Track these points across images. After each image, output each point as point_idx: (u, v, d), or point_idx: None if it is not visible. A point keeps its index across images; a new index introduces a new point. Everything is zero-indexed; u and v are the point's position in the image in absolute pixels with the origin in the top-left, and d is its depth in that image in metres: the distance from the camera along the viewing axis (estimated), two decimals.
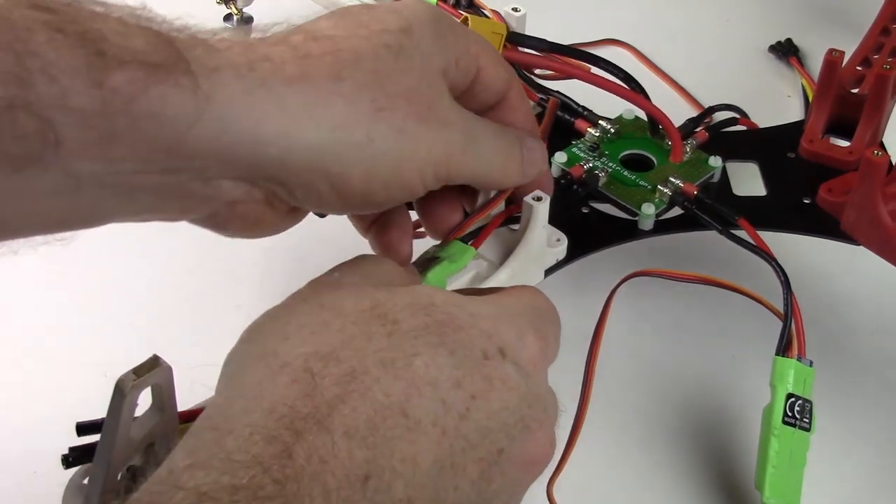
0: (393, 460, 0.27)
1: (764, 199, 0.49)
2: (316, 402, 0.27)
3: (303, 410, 0.27)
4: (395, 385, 0.28)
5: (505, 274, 0.41)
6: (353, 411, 0.27)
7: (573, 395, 0.41)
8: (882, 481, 0.45)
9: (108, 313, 0.50)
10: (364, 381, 0.28)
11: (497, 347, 0.30)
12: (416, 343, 0.29)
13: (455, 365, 0.29)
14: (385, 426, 0.27)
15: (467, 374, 0.29)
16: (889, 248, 0.45)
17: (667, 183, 0.47)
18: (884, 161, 0.43)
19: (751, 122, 0.55)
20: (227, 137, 0.30)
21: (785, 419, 0.40)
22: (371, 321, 0.29)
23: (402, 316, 0.29)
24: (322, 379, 0.27)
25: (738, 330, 0.49)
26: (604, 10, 0.69)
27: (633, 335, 0.49)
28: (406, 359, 0.28)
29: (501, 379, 0.30)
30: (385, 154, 0.33)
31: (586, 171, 0.48)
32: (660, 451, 0.45)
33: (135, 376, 0.30)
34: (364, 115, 0.32)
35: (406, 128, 0.33)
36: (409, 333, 0.29)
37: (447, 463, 0.28)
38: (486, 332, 0.30)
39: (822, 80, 0.50)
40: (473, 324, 0.30)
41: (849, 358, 0.49)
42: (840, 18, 0.57)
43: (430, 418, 0.28)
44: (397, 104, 0.33)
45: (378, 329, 0.29)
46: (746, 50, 0.67)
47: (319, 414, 0.27)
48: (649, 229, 0.47)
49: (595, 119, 0.50)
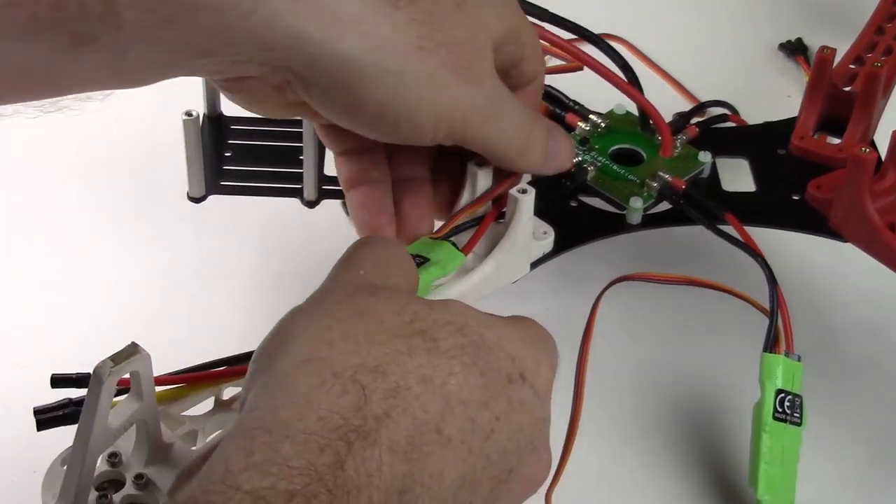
0: (425, 475, 0.28)
1: (753, 195, 0.49)
2: (365, 414, 0.28)
3: (354, 422, 0.28)
4: (432, 402, 0.29)
5: (490, 266, 0.41)
6: (397, 426, 0.28)
7: (565, 400, 0.41)
8: (878, 474, 0.45)
9: (107, 313, 0.50)
10: (406, 397, 0.29)
11: (519, 372, 0.31)
12: (452, 363, 0.30)
13: (485, 386, 0.30)
14: (422, 442, 0.28)
15: (494, 396, 0.30)
16: (876, 246, 0.45)
17: (655, 177, 0.47)
18: (871, 158, 0.43)
19: (740, 120, 0.55)
20: (273, 31, 0.32)
21: (775, 415, 0.40)
22: (413, 336, 0.30)
23: (441, 334, 0.31)
24: (372, 392, 0.28)
25: (727, 328, 0.49)
26: (603, 7, 0.69)
27: (622, 338, 0.49)
28: (443, 377, 0.30)
29: (521, 402, 0.31)
30: (408, 90, 0.34)
31: (575, 164, 0.48)
32: (653, 452, 0.46)
33: (113, 363, 0.31)
34: (405, 46, 0.34)
35: (438, 75, 0.34)
36: (447, 353, 0.30)
37: (468, 479, 0.29)
38: (511, 356, 0.32)
39: (814, 77, 0.50)
40: (501, 346, 0.31)
41: (839, 353, 0.49)
42: (853, 19, 0.57)
43: (460, 436, 0.29)
44: (439, 50, 0.34)
45: (419, 345, 0.30)
46: (755, 48, 0.66)
47: (368, 427, 0.28)
48: (637, 223, 0.47)
49: (586, 113, 0.50)
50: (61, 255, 0.53)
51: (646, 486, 0.44)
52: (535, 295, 0.51)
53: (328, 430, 0.27)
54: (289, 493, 0.26)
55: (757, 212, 0.47)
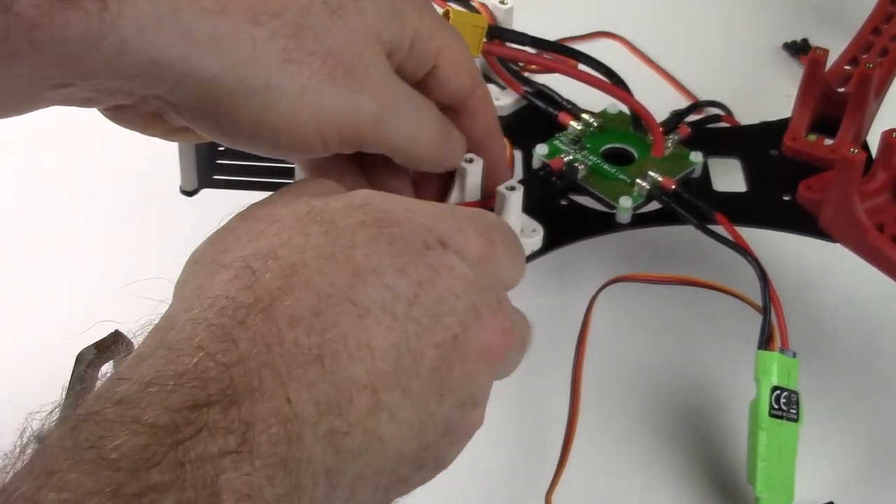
0: (347, 346, 0.27)
1: (744, 195, 0.49)
2: (257, 293, 0.27)
3: (245, 301, 0.27)
4: (337, 275, 0.28)
5: None
6: (297, 301, 0.27)
7: (563, 400, 0.41)
8: (876, 471, 0.45)
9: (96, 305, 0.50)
10: (305, 273, 0.28)
11: (437, 239, 0.30)
12: (353, 237, 0.29)
13: (396, 254, 0.29)
14: (333, 313, 0.27)
15: (410, 263, 0.29)
16: (864, 247, 0.45)
17: (645, 177, 0.47)
18: (860, 159, 0.43)
19: (734, 120, 0.55)
20: (126, 58, 0.31)
21: (771, 412, 0.40)
22: (308, 224, 0.29)
23: (338, 216, 0.30)
24: (263, 274, 0.28)
25: (723, 327, 0.49)
26: (604, 5, 0.69)
27: (617, 338, 0.50)
28: (345, 251, 0.29)
29: (447, 267, 0.30)
30: (280, 104, 0.33)
31: (566, 163, 0.48)
32: (652, 450, 0.46)
33: (96, 350, 0.31)
34: (269, 61, 0.32)
35: (311, 85, 0.33)
36: (346, 229, 0.29)
37: (403, 348, 0.28)
38: (425, 226, 0.30)
39: (806, 78, 0.50)
40: (411, 218, 0.31)
41: (830, 353, 0.49)
42: (860, 20, 0.57)
43: (379, 305, 0.28)
44: (310, 60, 0.33)
45: (315, 229, 0.29)
46: (758, 47, 0.66)
47: (261, 304, 0.27)
48: (627, 222, 0.47)
49: (578, 112, 0.50)
50: (50, 248, 0.53)
51: (644, 484, 0.45)
52: (528, 294, 0.51)
53: (215, 311, 0.27)
54: (176, 374, 0.25)
55: (747, 212, 0.47)
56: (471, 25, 0.46)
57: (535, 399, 0.47)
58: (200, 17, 0.32)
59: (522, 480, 0.44)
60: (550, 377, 0.46)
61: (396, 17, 0.35)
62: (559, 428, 0.41)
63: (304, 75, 0.33)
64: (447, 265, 0.30)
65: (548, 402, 0.47)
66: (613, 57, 0.52)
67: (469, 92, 0.38)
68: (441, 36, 0.36)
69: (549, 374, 0.47)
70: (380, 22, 0.35)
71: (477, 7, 0.50)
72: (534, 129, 0.50)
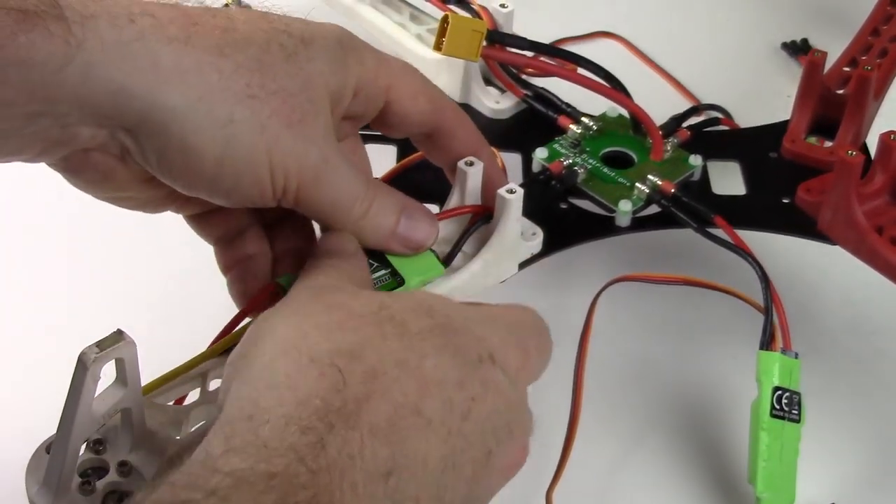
0: (409, 459, 0.28)
1: (743, 198, 0.49)
2: (345, 397, 0.28)
3: (335, 404, 0.28)
4: (410, 384, 0.29)
5: (477, 264, 0.41)
6: (377, 409, 0.28)
7: (564, 400, 0.41)
8: (877, 471, 0.45)
9: (98, 305, 0.50)
10: (384, 380, 0.29)
11: (489, 353, 0.32)
12: (424, 345, 0.30)
13: (458, 366, 0.30)
14: (404, 425, 0.29)
15: (468, 377, 0.30)
16: (864, 249, 0.45)
17: (645, 180, 0.48)
18: (858, 161, 0.44)
19: (733, 123, 0.55)
20: (92, 84, 0.30)
21: (773, 412, 0.40)
22: (383, 322, 0.30)
23: (409, 317, 0.31)
24: (350, 375, 0.28)
25: (725, 327, 0.50)
26: (604, 6, 0.69)
27: (619, 338, 0.50)
28: (418, 359, 0.30)
29: (494, 383, 0.31)
30: (243, 139, 0.33)
31: (565, 166, 0.48)
32: (653, 450, 0.46)
33: (98, 349, 0.31)
34: (234, 95, 0.32)
35: (270, 125, 0.33)
36: (418, 335, 0.30)
37: (450, 461, 0.30)
38: (479, 337, 0.32)
39: (805, 80, 0.50)
40: (468, 328, 0.32)
41: (830, 355, 0.49)
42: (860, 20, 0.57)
43: (439, 417, 0.29)
44: (270, 100, 0.33)
45: (390, 330, 0.30)
46: (757, 47, 0.66)
47: (348, 409, 0.28)
48: (626, 226, 0.47)
49: (578, 116, 0.51)
50: (51, 248, 0.53)
51: (645, 484, 0.45)
52: (529, 295, 0.51)
53: (308, 412, 0.27)
54: (269, 474, 0.26)
55: (747, 215, 0.48)
56: (470, 30, 0.47)
57: (537, 398, 0.47)
58: (166, 45, 0.32)
59: (523, 479, 0.44)
60: (552, 376, 0.46)
61: (340, 67, 0.35)
62: (560, 426, 0.41)
63: (264, 114, 0.33)
64: (495, 381, 0.31)
65: (549, 401, 0.47)
66: (613, 58, 0.52)
67: (435, 114, 0.38)
68: (387, 73, 0.36)
69: (551, 374, 0.46)
70: (328, 71, 0.35)
71: (477, 11, 0.50)
72: (533, 132, 0.51)
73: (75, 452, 0.32)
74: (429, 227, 0.38)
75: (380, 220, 0.37)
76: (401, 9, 0.55)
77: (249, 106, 0.33)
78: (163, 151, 0.33)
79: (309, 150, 0.34)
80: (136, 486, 0.33)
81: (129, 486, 0.33)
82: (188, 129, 0.32)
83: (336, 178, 0.35)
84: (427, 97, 0.38)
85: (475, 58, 0.47)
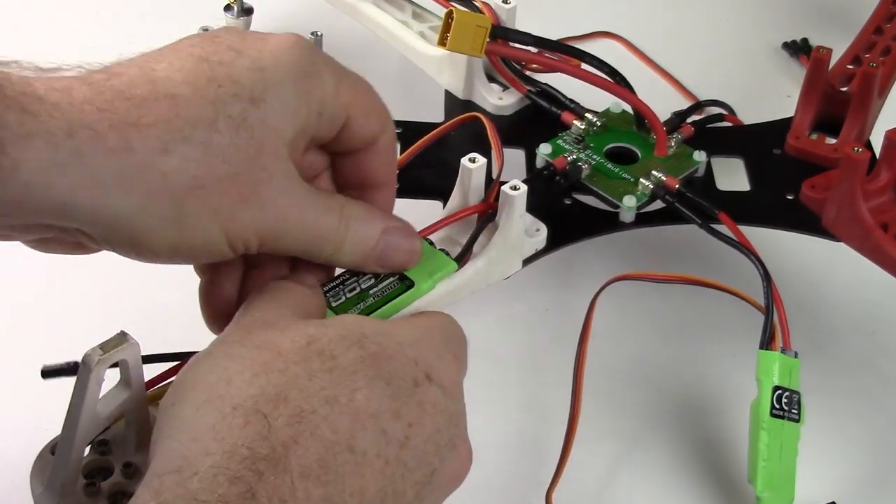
0: (345, 495, 0.29)
1: (747, 194, 0.49)
2: (272, 442, 0.28)
3: (261, 451, 0.28)
4: (340, 421, 0.29)
5: (482, 261, 0.41)
6: (306, 451, 0.28)
7: (564, 400, 0.41)
8: (877, 470, 0.45)
9: (99, 305, 0.50)
10: (312, 420, 0.29)
11: (424, 373, 0.32)
12: (355, 378, 0.30)
13: (392, 395, 0.31)
14: (336, 463, 0.29)
15: (404, 404, 0.31)
16: (868, 245, 0.45)
17: (649, 176, 0.48)
18: (863, 158, 0.43)
19: (736, 119, 0.55)
20: (34, 200, 0.30)
21: (773, 412, 0.40)
22: (311, 359, 0.30)
23: (338, 350, 0.31)
24: (275, 420, 0.29)
25: (725, 326, 0.50)
26: (601, 3, 0.69)
27: (619, 336, 0.50)
28: (348, 394, 0.30)
29: (432, 403, 0.32)
30: (194, 228, 0.33)
31: (569, 162, 0.48)
32: (653, 449, 0.46)
33: (101, 351, 0.31)
34: (181, 191, 0.32)
35: (222, 209, 0.33)
36: (347, 369, 0.30)
37: (389, 490, 0.30)
38: (413, 359, 0.32)
39: (809, 77, 0.50)
40: (402, 352, 0.32)
41: (833, 352, 0.49)
42: (860, 19, 0.57)
43: (374, 450, 0.30)
44: (219, 186, 0.32)
45: (318, 366, 0.30)
46: (758, 47, 0.66)
47: (276, 455, 0.28)
48: (630, 221, 0.47)
49: (581, 112, 0.50)
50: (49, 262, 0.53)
51: (645, 483, 0.45)
52: (530, 293, 0.51)
53: (236, 462, 0.27)
54: None
55: (751, 211, 0.48)
56: (475, 25, 0.46)
57: (537, 397, 0.47)
58: (105, 158, 0.31)
59: (523, 479, 0.44)
60: (552, 375, 0.47)
61: (301, 102, 0.34)
62: (560, 426, 0.41)
63: (215, 199, 0.32)
64: (432, 401, 0.32)
65: (549, 400, 0.47)
66: (613, 57, 0.52)
67: (379, 133, 0.37)
68: (346, 90, 0.36)
69: (551, 372, 0.47)
70: (283, 120, 0.34)
71: (480, 7, 0.50)
72: (537, 128, 0.51)
73: (80, 454, 0.32)
74: (409, 248, 0.38)
75: (356, 248, 0.36)
76: (403, 6, 0.55)
77: (198, 196, 0.32)
78: (116, 244, 0.33)
79: (265, 216, 0.34)
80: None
81: (133, 486, 0.33)
82: (136, 229, 0.32)
83: (299, 230, 0.35)
84: (377, 115, 0.37)
85: (479, 53, 0.47)
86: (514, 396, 0.47)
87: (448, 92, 0.53)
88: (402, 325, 0.33)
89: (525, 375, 0.48)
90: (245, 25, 0.63)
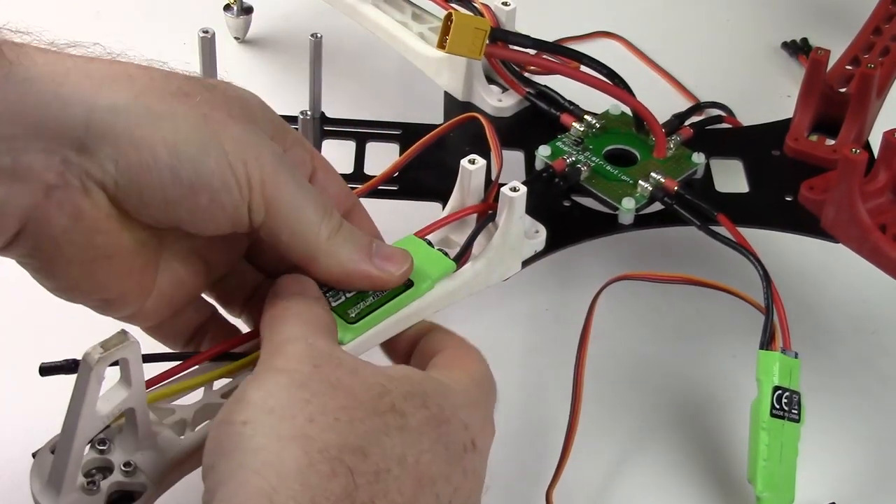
0: None
1: (746, 195, 0.49)
2: (354, 501, 0.29)
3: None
4: (407, 484, 0.31)
5: (481, 263, 0.41)
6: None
7: (564, 400, 0.41)
8: (880, 469, 0.45)
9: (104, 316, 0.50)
10: (387, 480, 0.30)
11: (472, 439, 0.33)
12: (422, 440, 0.32)
13: (447, 460, 0.32)
14: None
15: (454, 469, 0.32)
16: (867, 246, 0.45)
17: (648, 178, 0.48)
18: (861, 159, 0.44)
19: (735, 121, 0.55)
20: (32, 99, 0.32)
21: (773, 412, 0.40)
22: (385, 413, 0.31)
23: (408, 409, 0.32)
24: (359, 477, 0.30)
25: (725, 326, 0.50)
26: (604, 6, 0.69)
27: (619, 337, 0.50)
28: (416, 455, 0.31)
29: (473, 470, 0.33)
30: (188, 131, 0.33)
31: (568, 164, 0.48)
32: (653, 449, 0.46)
33: (102, 349, 0.31)
34: (167, 94, 0.34)
35: (212, 116, 0.34)
36: (416, 430, 0.32)
37: None
38: (465, 425, 0.33)
39: (808, 78, 0.50)
40: (457, 415, 0.33)
41: (832, 353, 0.50)
42: (860, 20, 0.57)
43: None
44: (205, 95, 0.34)
45: (392, 422, 0.31)
46: (757, 47, 0.66)
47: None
48: (629, 223, 0.47)
49: (580, 114, 0.51)
50: None
51: (645, 483, 0.45)
52: (530, 294, 0.51)
53: None
54: None
55: (749, 213, 0.48)
56: (474, 28, 0.47)
57: (537, 396, 0.47)
58: (91, 63, 0.33)
59: (523, 478, 0.44)
60: (552, 375, 0.47)
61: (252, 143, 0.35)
62: (560, 425, 0.41)
63: (202, 105, 0.34)
64: (473, 468, 0.33)
65: (549, 400, 0.47)
66: (613, 57, 0.52)
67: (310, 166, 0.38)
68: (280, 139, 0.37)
69: (551, 372, 0.47)
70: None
71: (479, 9, 0.50)
72: (536, 130, 0.51)
73: (80, 452, 0.32)
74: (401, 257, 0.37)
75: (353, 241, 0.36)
76: (403, 7, 0.55)
77: (184, 101, 0.34)
78: (117, 157, 0.33)
79: (261, 140, 0.34)
80: (139, 486, 0.33)
81: (133, 485, 0.33)
82: (133, 123, 0.33)
83: (297, 182, 0.35)
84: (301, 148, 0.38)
85: (478, 56, 0.47)
86: (515, 395, 0.47)
87: (447, 93, 0.53)
88: (456, 385, 0.34)
89: (525, 375, 0.49)
90: (245, 25, 0.63)
